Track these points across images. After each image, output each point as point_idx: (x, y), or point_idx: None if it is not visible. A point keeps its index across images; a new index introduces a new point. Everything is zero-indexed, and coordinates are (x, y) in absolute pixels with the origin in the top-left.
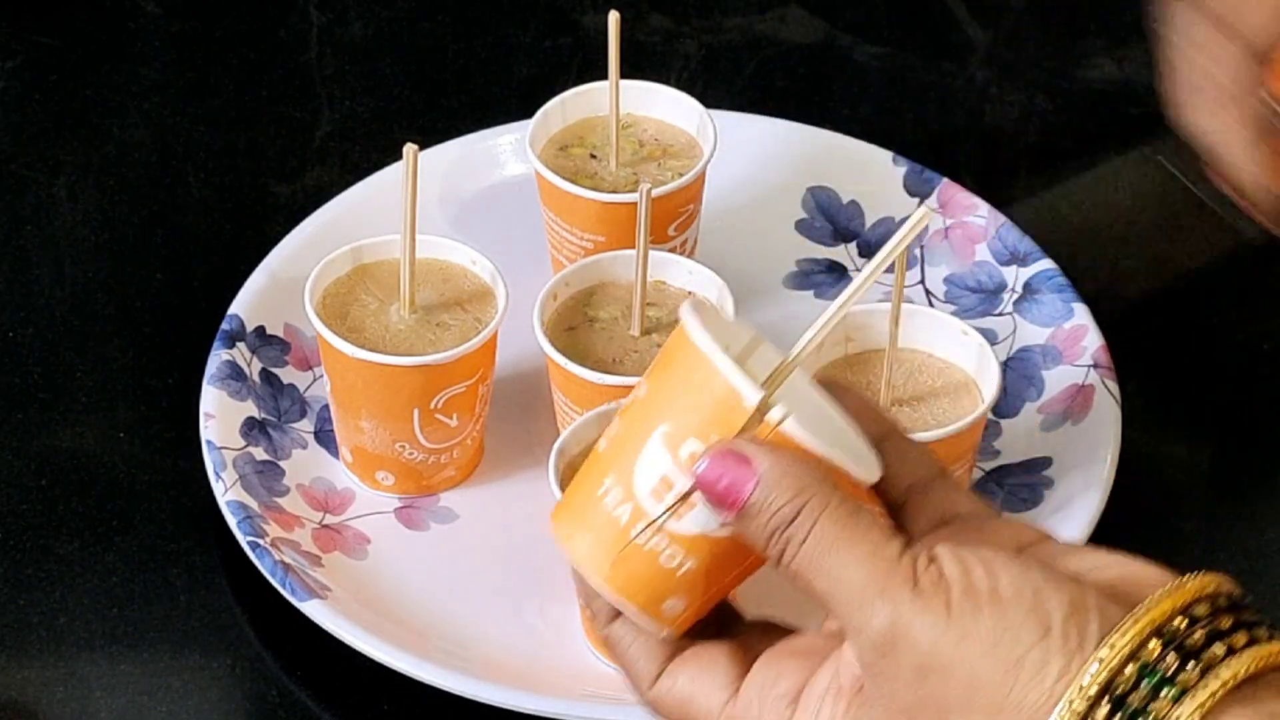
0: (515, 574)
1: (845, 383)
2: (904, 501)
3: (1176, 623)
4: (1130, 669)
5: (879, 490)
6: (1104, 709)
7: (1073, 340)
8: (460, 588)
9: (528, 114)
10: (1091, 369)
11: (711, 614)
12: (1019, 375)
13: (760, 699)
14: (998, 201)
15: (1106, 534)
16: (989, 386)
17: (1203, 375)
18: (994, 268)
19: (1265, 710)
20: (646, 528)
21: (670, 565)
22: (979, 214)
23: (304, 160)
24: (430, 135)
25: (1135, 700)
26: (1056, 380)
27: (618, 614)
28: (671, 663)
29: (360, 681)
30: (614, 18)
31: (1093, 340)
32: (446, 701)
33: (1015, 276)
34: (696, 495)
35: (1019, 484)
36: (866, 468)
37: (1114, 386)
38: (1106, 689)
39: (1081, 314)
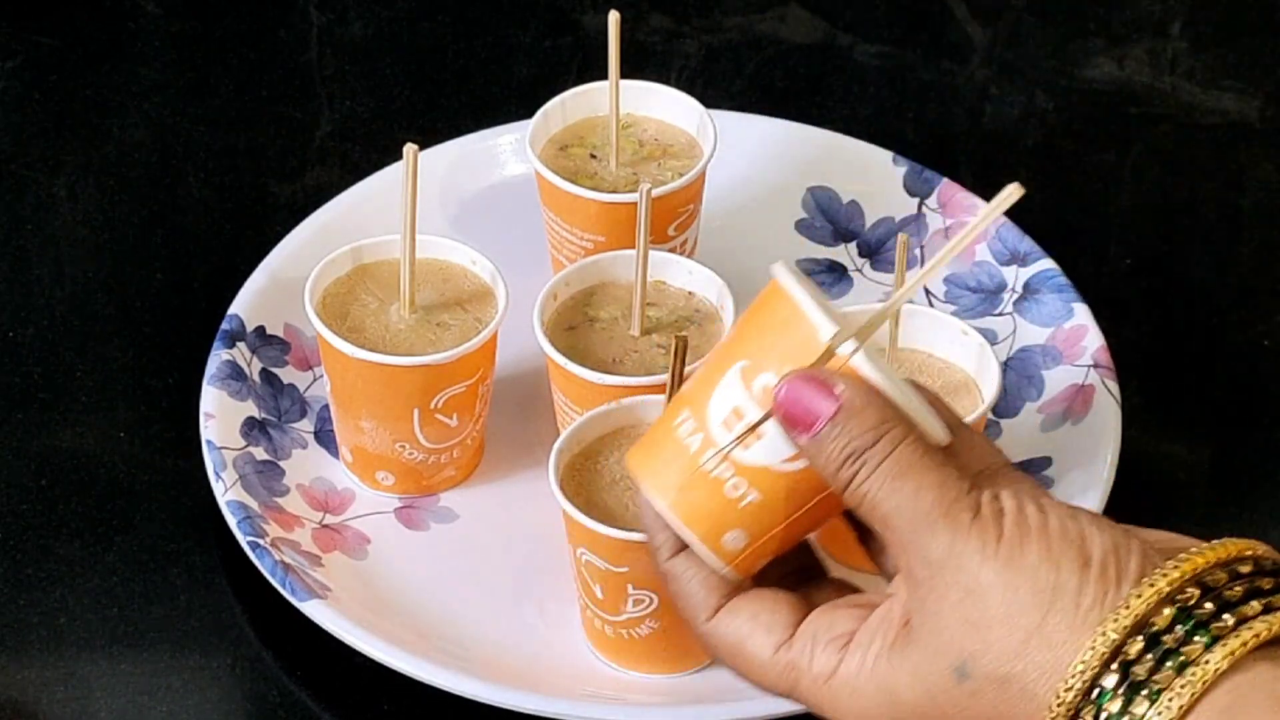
0: (515, 574)
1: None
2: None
3: (1218, 575)
4: (1168, 610)
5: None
6: (1138, 644)
7: (1073, 340)
8: (460, 588)
9: (528, 114)
10: (1091, 369)
11: (789, 562)
12: (1019, 375)
13: (814, 641)
14: None
15: None
16: (989, 386)
17: (1203, 375)
18: (994, 268)
19: None
20: (716, 454)
21: (733, 496)
22: (979, 214)
23: (304, 160)
24: (430, 135)
25: (1169, 640)
26: (1056, 380)
27: (681, 548)
28: (732, 599)
29: (360, 681)
30: (614, 18)
31: (1093, 340)
32: (446, 701)
33: (1015, 276)
34: (764, 427)
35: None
36: (935, 429)
37: (1114, 386)
38: (1141, 626)
39: (1081, 314)
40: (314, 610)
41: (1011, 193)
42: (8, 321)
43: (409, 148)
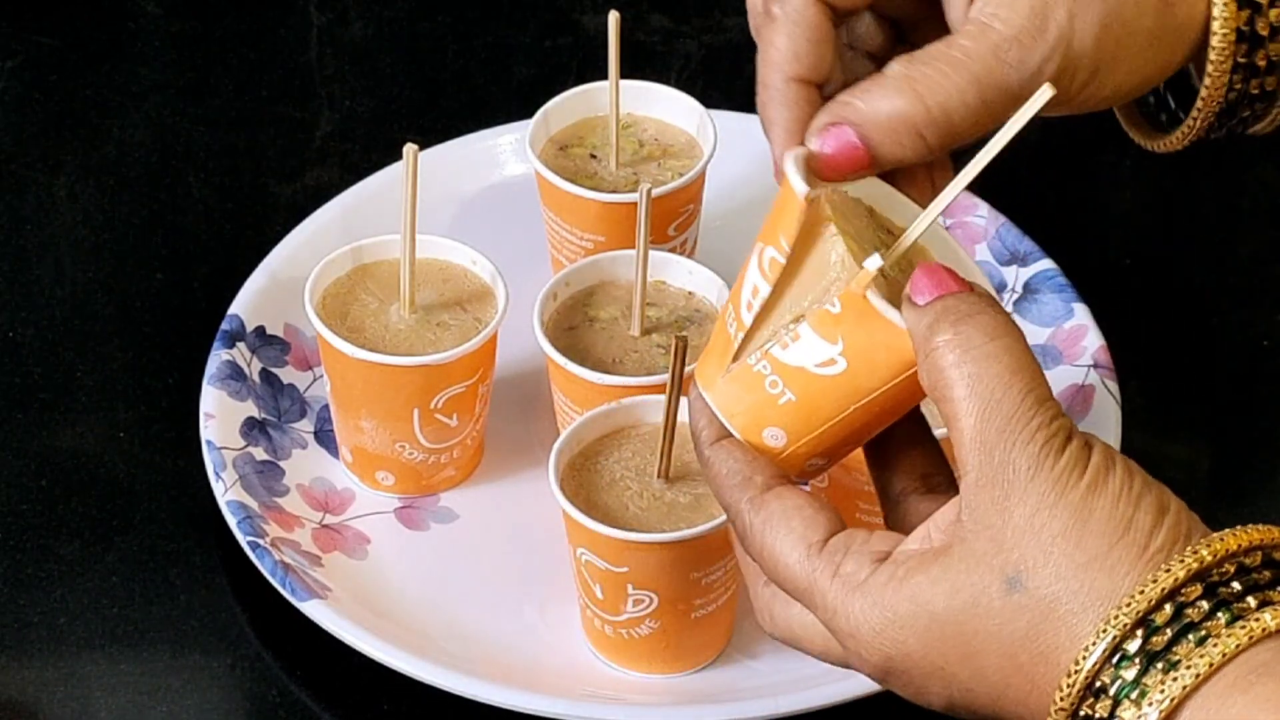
0: (515, 574)
1: None
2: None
3: (1254, 556)
4: (1228, 566)
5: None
6: (1195, 589)
7: (1073, 340)
8: (460, 588)
9: (528, 114)
10: (1091, 369)
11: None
12: None
13: (847, 549)
14: (998, 201)
15: None
16: None
17: (1203, 375)
18: (994, 268)
19: None
20: (758, 350)
21: (773, 392)
22: (979, 214)
23: (304, 160)
24: (430, 135)
25: (1226, 593)
26: (1056, 380)
27: (723, 436)
28: (782, 485)
29: (360, 681)
30: (614, 18)
31: (1093, 340)
32: (446, 701)
33: (1015, 276)
34: (800, 329)
35: None
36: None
37: (1114, 386)
38: (1200, 575)
39: (1081, 314)
40: (314, 610)
41: (1044, 93)
42: (8, 321)
43: (409, 148)
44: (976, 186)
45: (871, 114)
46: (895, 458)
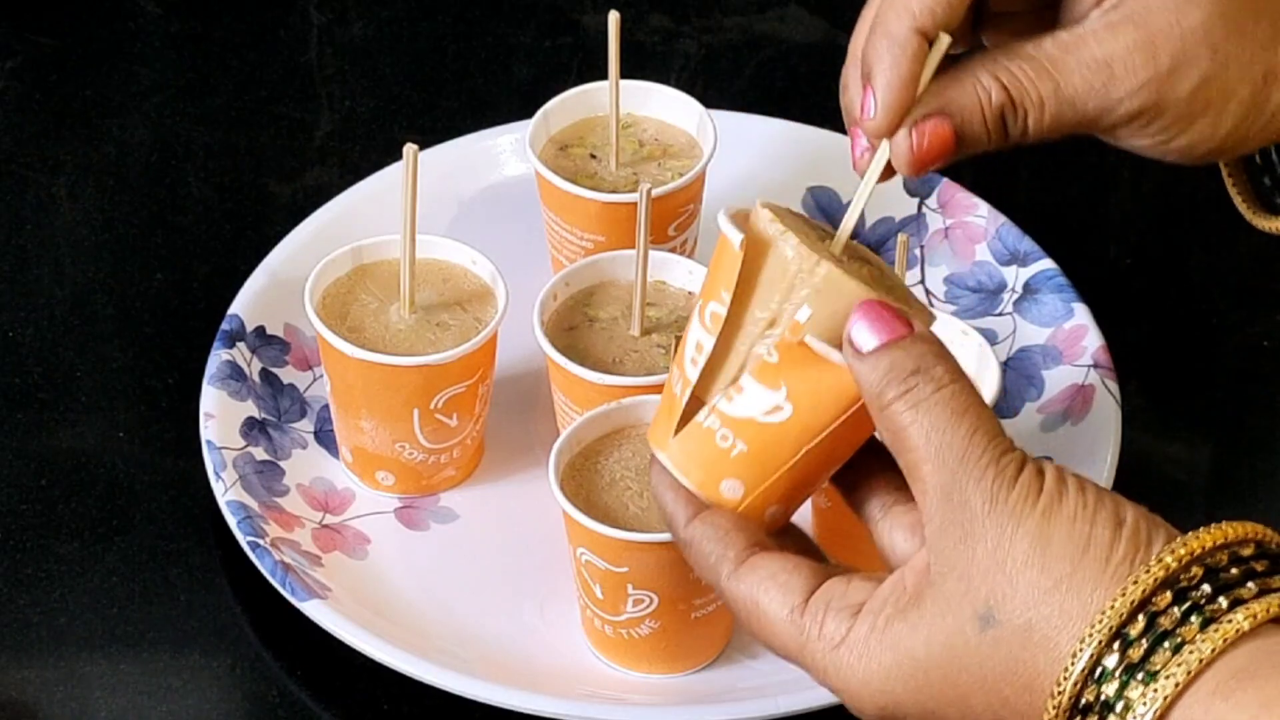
0: (515, 574)
1: None
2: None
3: (1247, 550)
4: (1195, 569)
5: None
6: (1165, 597)
7: (1073, 340)
8: (460, 588)
9: (528, 114)
10: (1091, 369)
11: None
12: (1019, 375)
13: (827, 608)
14: (998, 201)
15: None
16: (989, 386)
17: (1203, 375)
18: (994, 268)
19: None
20: (707, 409)
21: (724, 446)
22: (979, 214)
23: (304, 160)
24: (430, 135)
25: (1196, 596)
26: (1056, 380)
27: (696, 514)
28: (754, 556)
29: (360, 681)
30: (614, 18)
31: (1093, 340)
32: (446, 701)
33: (1015, 276)
34: (743, 381)
35: None
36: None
37: (1114, 386)
38: (1170, 582)
39: (1081, 314)
40: (314, 610)
41: (942, 41)
42: (8, 321)
43: (409, 148)
44: (977, 187)
45: (961, 103)
46: (863, 486)
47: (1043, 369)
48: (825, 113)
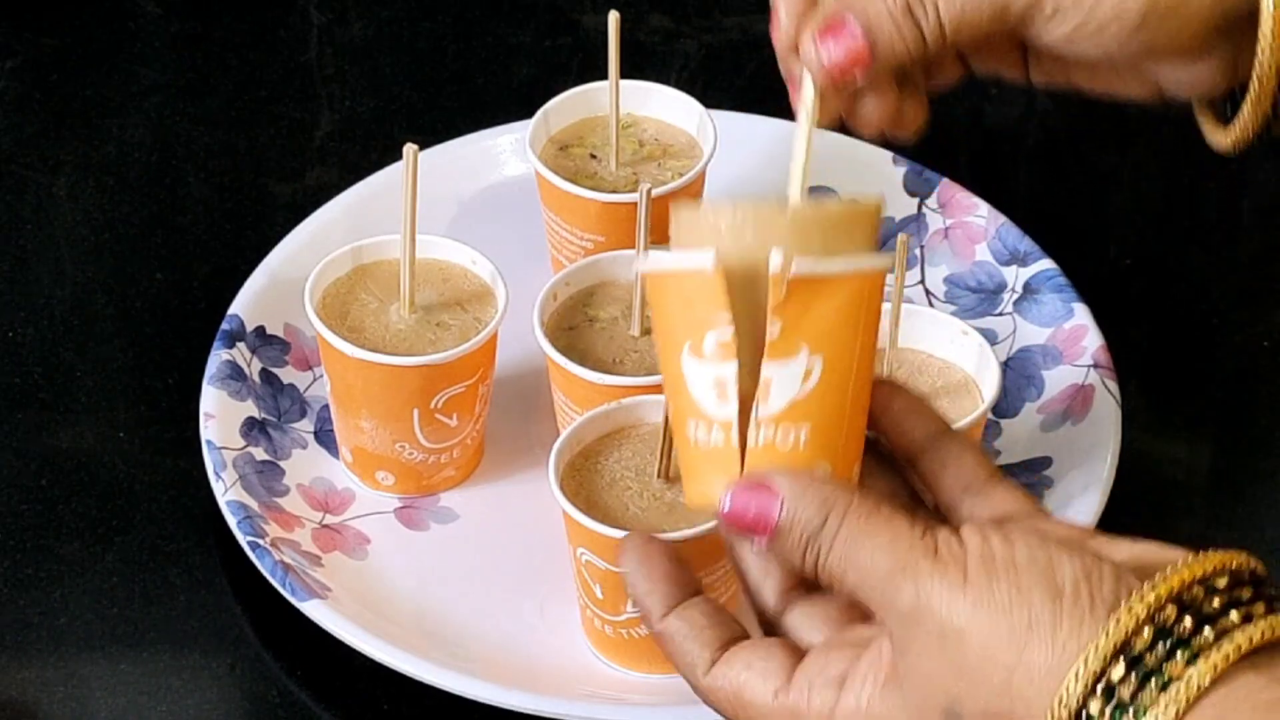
0: (515, 574)
1: (895, 381)
2: (959, 502)
3: (1195, 591)
4: (1147, 631)
5: (935, 490)
6: (1119, 668)
7: (1073, 340)
8: (460, 588)
9: (528, 114)
10: (1091, 369)
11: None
12: (1019, 375)
13: (810, 684)
14: (998, 201)
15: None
16: (989, 386)
17: (1203, 375)
18: (994, 268)
19: (1278, 676)
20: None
21: (789, 445)
22: (979, 214)
23: (304, 160)
24: (430, 135)
25: (1150, 660)
26: (1056, 380)
27: (671, 608)
28: (727, 651)
29: (360, 681)
30: (614, 18)
31: (1093, 340)
32: (446, 701)
33: (1015, 276)
34: (764, 371)
35: (1019, 484)
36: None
37: (1114, 386)
38: (1122, 649)
39: (1081, 314)
40: (314, 610)
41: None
42: (8, 321)
43: (409, 148)
44: (977, 187)
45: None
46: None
47: (1043, 369)
48: None
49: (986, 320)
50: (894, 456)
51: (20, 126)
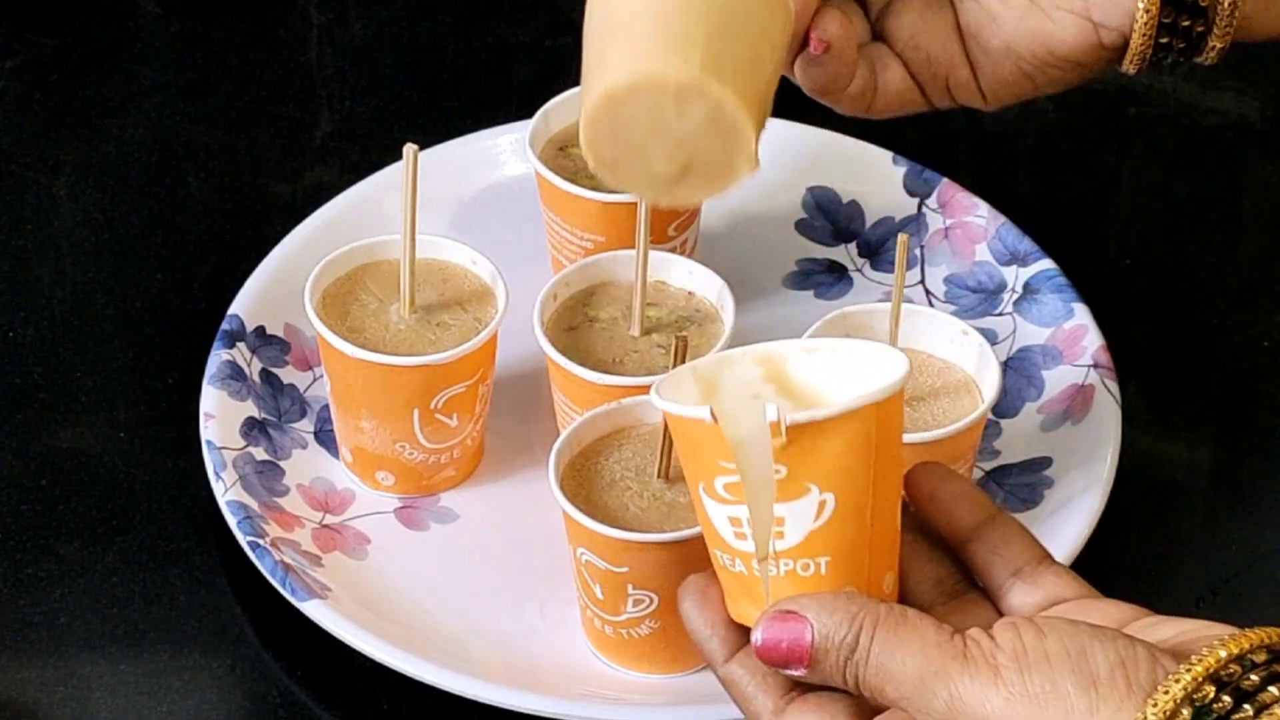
0: (515, 574)
1: (945, 470)
2: (1009, 587)
3: (1232, 669)
4: (1186, 712)
5: (985, 574)
6: None
7: (1073, 340)
8: (460, 588)
9: (528, 114)
10: (1091, 369)
11: None
12: (1019, 375)
13: None
14: (998, 201)
15: (1106, 534)
16: (989, 386)
17: (1203, 375)
18: (994, 268)
19: None
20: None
21: (810, 574)
22: (979, 214)
23: (304, 160)
24: (430, 135)
25: None
26: (1056, 380)
27: (733, 652)
28: (794, 701)
29: (360, 681)
30: None
31: (1093, 340)
32: (446, 701)
33: (1015, 276)
34: (782, 514)
35: (1019, 484)
36: (892, 371)
37: (1114, 386)
38: None
39: (1081, 314)
40: (314, 610)
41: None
42: (8, 321)
43: (409, 148)
44: (976, 186)
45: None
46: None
47: (1043, 369)
48: (825, 113)
49: (986, 320)
50: (943, 540)
51: (20, 126)
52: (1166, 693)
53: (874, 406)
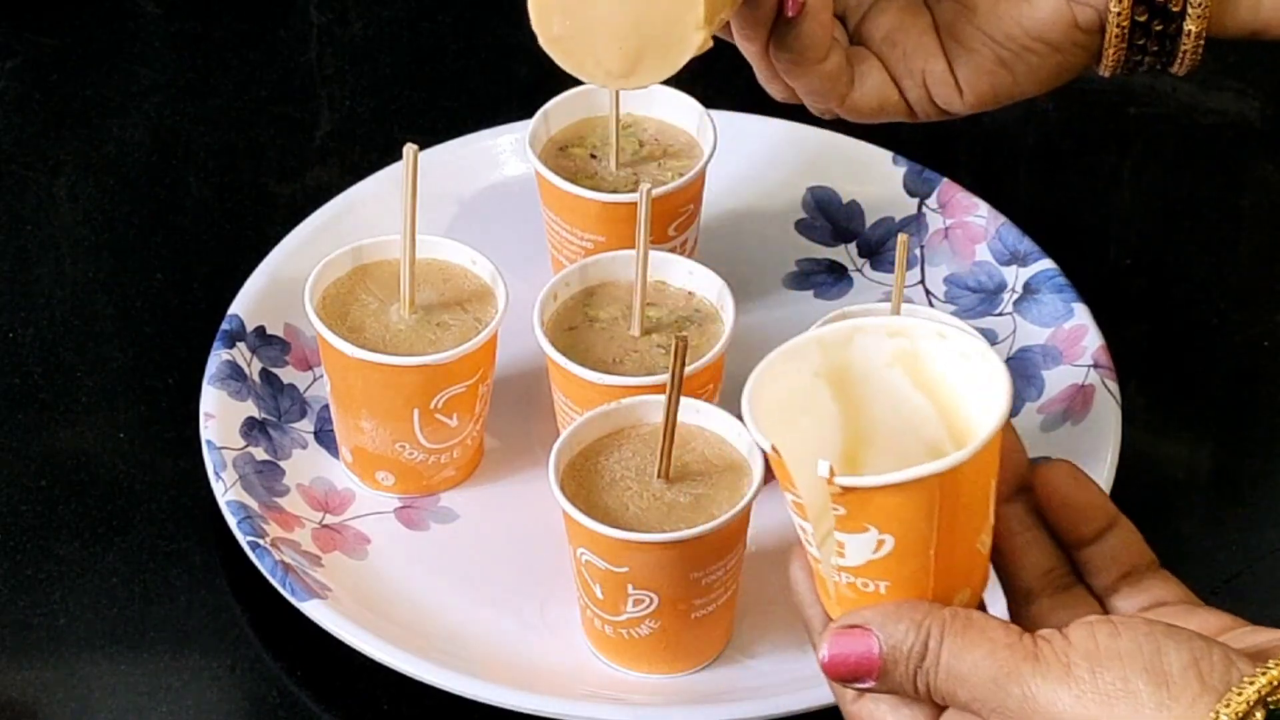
0: (515, 574)
1: (1077, 474)
2: (1117, 588)
3: None
4: (1259, 714)
5: (1096, 574)
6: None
7: (1073, 340)
8: (460, 588)
9: (528, 114)
10: (1091, 369)
11: None
12: (1019, 375)
13: None
14: (998, 201)
15: None
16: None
17: (1203, 375)
18: (994, 268)
19: None
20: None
21: (870, 590)
22: (979, 214)
23: (304, 160)
24: (430, 135)
25: None
26: (1056, 380)
27: (860, 694)
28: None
29: (360, 681)
30: None
31: (1093, 340)
32: (446, 701)
33: (1015, 276)
34: (836, 535)
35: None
36: (985, 419)
37: (1114, 386)
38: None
39: (1081, 314)
40: (314, 610)
41: None
42: (8, 321)
43: (409, 148)
44: (977, 186)
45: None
46: (1011, 558)
47: (1043, 369)
48: None
49: (986, 320)
50: (1059, 536)
51: (20, 126)
52: (1240, 694)
53: (936, 477)
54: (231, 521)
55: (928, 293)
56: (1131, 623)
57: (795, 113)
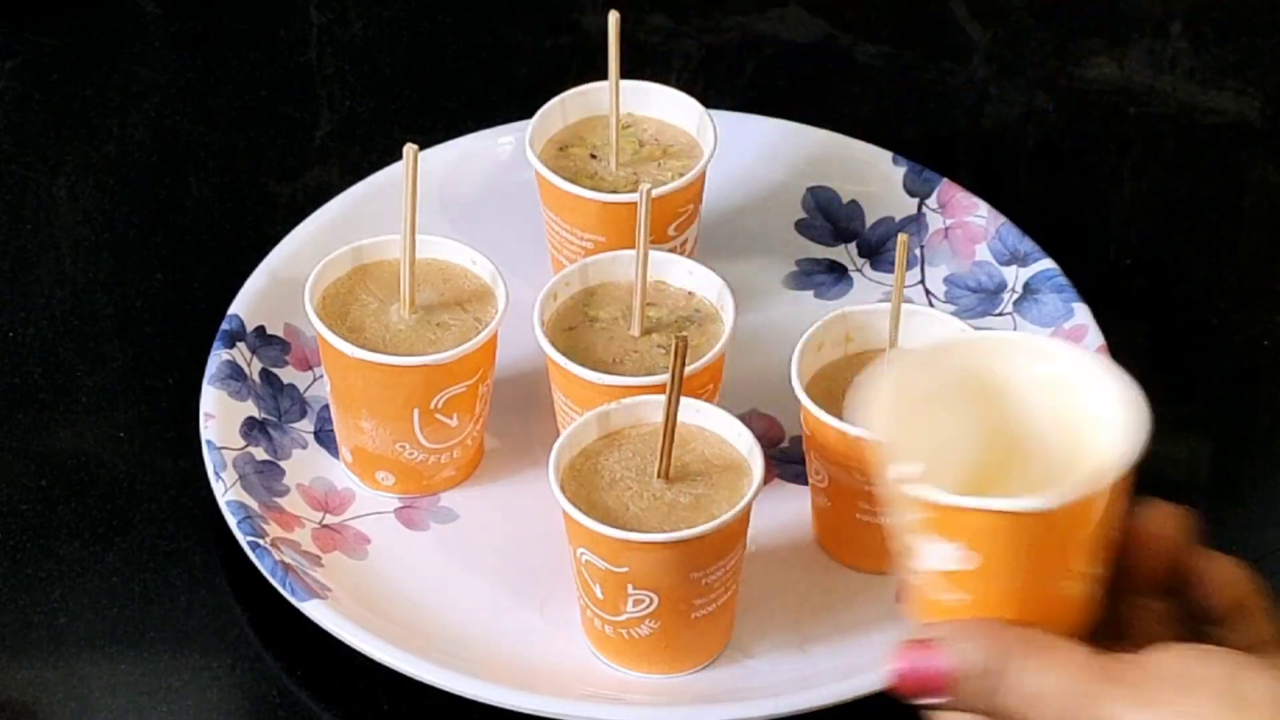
0: (515, 574)
1: (1215, 557)
2: (1224, 616)
3: None
4: None
5: (1203, 613)
6: None
7: (1073, 340)
8: (460, 588)
9: (528, 114)
10: None
11: None
12: None
13: None
14: (998, 201)
15: None
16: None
17: (1203, 375)
18: (994, 268)
19: None
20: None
21: (949, 601)
22: (979, 214)
23: (304, 160)
24: (430, 135)
25: None
26: None
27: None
28: None
29: (360, 681)
30: (614, 18)
31: (1093, 340)
32: (446, 701)
33: (1015, 276)
34: (918, 544)
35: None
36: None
37: None
38: None
39: (1081, 314)
40: (314, 610)
41: None
42: (8, 321)
43: (409, 148)
44: (977, 186)
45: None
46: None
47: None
48: (825, 113)
49: (986, 320)
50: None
51: (20, 126)
52: None
53: (1007, 515)
54: (231, 521)
55: (928, 293)
56: (1210, 649)
57: (795, 113)
